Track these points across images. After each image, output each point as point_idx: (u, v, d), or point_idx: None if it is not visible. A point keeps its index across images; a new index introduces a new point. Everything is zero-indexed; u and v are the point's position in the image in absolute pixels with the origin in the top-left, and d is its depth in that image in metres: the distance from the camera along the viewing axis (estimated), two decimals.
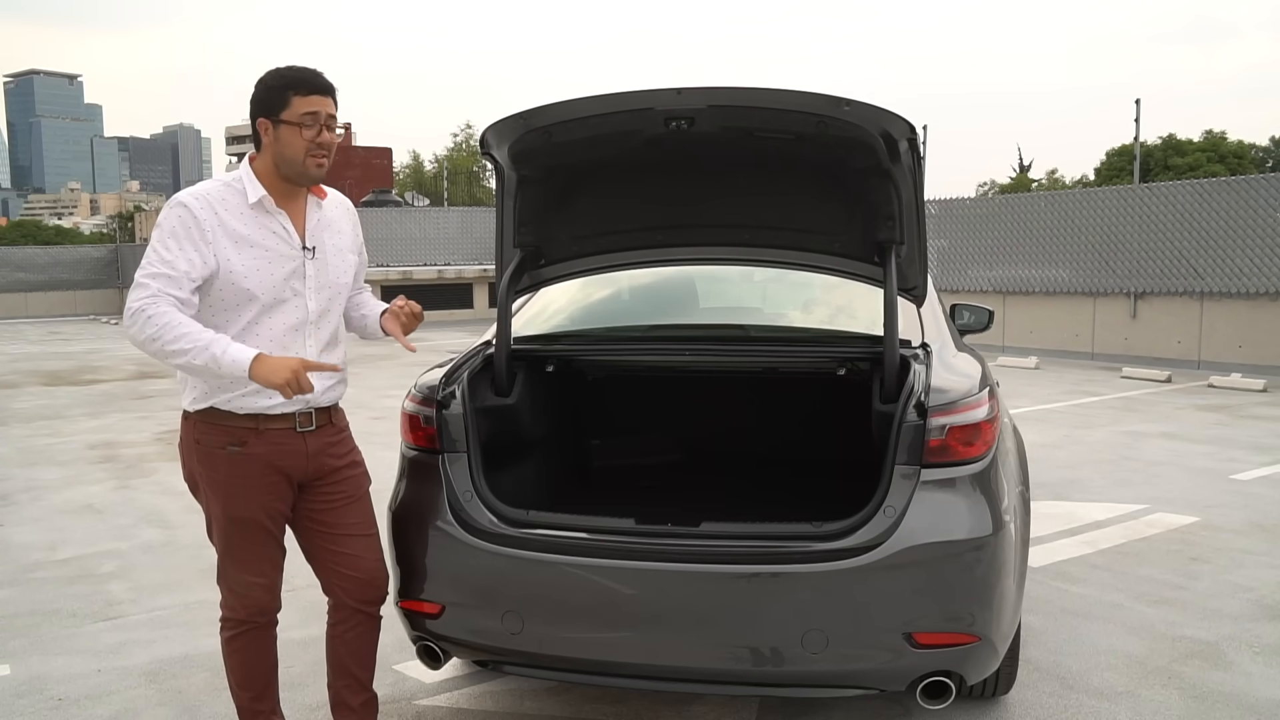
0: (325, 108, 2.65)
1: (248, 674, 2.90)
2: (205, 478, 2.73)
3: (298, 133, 2.62)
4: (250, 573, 2.80)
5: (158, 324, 2.48)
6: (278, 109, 2.63)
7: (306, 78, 2.64)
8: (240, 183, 2.68)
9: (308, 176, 2.69)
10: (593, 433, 4.19)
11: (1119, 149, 41.15)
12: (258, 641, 2.88)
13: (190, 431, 2.74)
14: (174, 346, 2.47)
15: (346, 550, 2.87)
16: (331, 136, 2.67)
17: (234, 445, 2.67)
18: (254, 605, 2.83)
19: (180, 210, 2.60)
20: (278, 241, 2.69)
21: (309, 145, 2.63)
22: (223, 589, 2.86)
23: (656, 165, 3.26)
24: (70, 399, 11.54)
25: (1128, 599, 4.44)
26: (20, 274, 29.38)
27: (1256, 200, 12.03)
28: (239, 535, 2.75)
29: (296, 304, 2.72)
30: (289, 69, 2.67)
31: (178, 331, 2.48)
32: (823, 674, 2.76)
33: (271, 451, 2.69)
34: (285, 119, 2.62)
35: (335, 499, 2.85)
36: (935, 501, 2.72)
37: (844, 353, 3.43)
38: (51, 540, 5.64)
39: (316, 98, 2.64)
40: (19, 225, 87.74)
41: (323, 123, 2.65)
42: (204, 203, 2.62)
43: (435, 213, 26.62)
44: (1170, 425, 8.76)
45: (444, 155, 55.14)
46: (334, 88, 2.69)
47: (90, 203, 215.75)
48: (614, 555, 2.78)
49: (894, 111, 2.81)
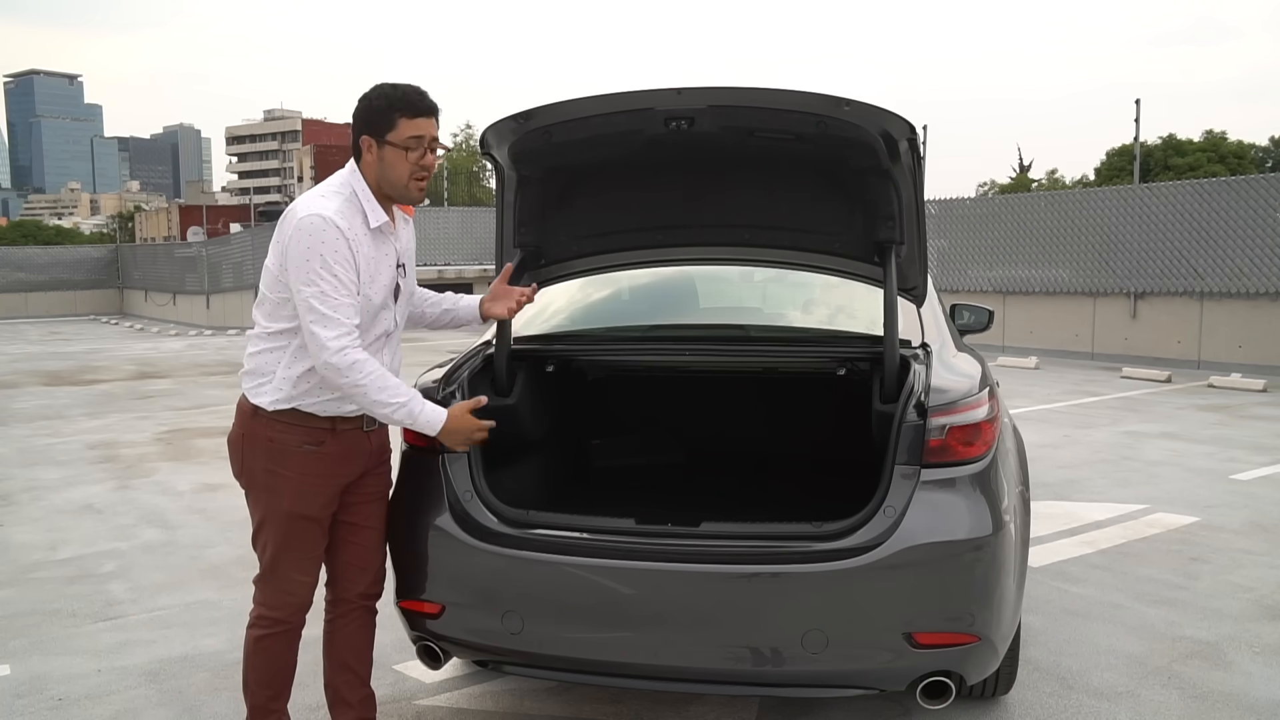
0: (430, 130, 2.66)
1: (270, 674, 2.90)
2: (273, 474, 2.74)
3: (403, 156, 2.64)
4: (301, 571, 2.82)
5: (367, 372, 2.60)
6: (384, 130, 2.63)
7: (413, 100, 2.64)
8: (357, 199, 2.68)
9: (409, 198, 2.73)
10: (593, 433, 4.19)
11: (1119, 149, 41.15)
12: (285, 642, 2.89)
13: (263, 429, 2.74)
14: (379, 397, 2.64)
15: (366, 543, 2.92)
16: (434, 158, 2.70)
17: (310, 445, 2.71)
18: (297, 603, 2.85)
19: (335, 232, 2.59)
20: (388, 265, 2.76)
21: (413, 168, 2.65)
22: (266, 589, 2.85)
23: (657, 165, 3.26)
24: (70, 399, 11.54)
25: (1128, 599, 4.44)
26: (20, 274, 29.38)
27: (1256, 200, 12.03)
28: (299, 532, 2.78)
29: (386, 317, 2.80)
30: (395, 88, 2.66)
31: (384, 383, 2.64)
32: (823, 674, 2.76)
33: (343, 451, 2.75)
34: (391, 140, 2.63)
35: (370, 494, 2.92)
36: (935, 501, 2.72)
37: (844, 353, 3.42)
38: (51, 540, 5.64)
39: (423, 120, 2.65)
40: (19, 225, 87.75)
41: (427, 145, 2.66)
42: (347, 222, 2.62)
43: (435, 213, 26.60)
44: (1170, 425, 8.76)
45: (444, 155, 55.17)
46: (438, 108, 2.70)
47: (90, 203, 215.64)
48: (614, 555, 2.78)
49: (894, 111, 2.81)
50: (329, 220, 2.58)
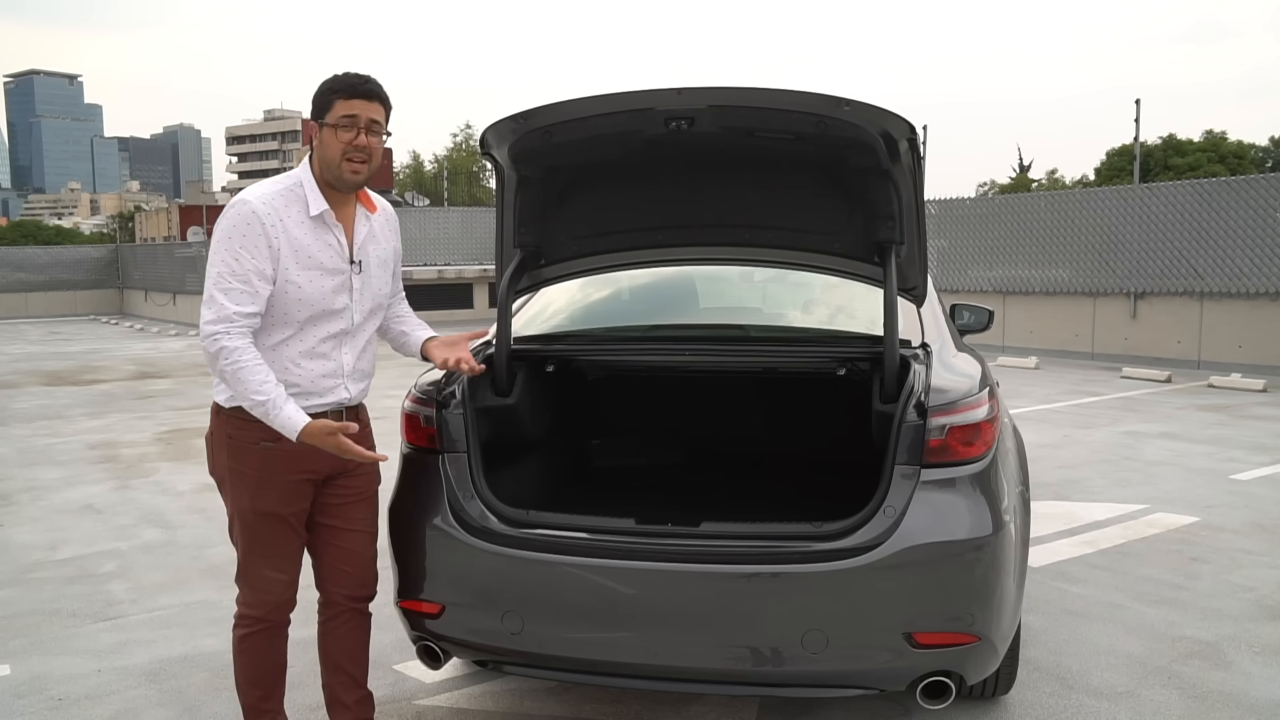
0: (367, 112, 2.66)
1: (258, 673, 2.90)
2: (234, 471, 2.75)
3: (335, 135, 2.65)
4: (273, 568, 2.81)
5: (232, 360, 2.57)
6: (323, 112, 2.66)
7: (351, 82, 2.67)
8: (301, 188, 2.69)
9: (343, 181, 2.70)
10: (593, 433, 4.19)
11: (1119, 149, 41.16)
12: (270, 640, 2.89)
13: (224, 426, 2.75)
14: (242, 389, 2.59)
15: (349, 546, 2.89)
16: (372, 141, 2.68)
17: (268, 441, 2.69)
18: (274, 601, 2.84)
19: (249, 215, 2.61)
20: (331, 255, 2.72)
21: (345, 148, 2.65)
22: (243, 586, 2.85)
23: (657, 165, 3.26)
24: (70, 399, 11.53)
25: (1128, 599, 4.44)
26: (20, 274, 29.35)
27: (1256, 200, 12.03)
28: (264, 530, 2.77)
29: (343, 315, 2.77)
30: (339, 74, 2.69)
31: (250, 376, 2.58)
32: (823, 674, 2.76)
33: (303, 447, 2.71)
34: (327, 121, 2.65)
35: (349, 495, 2.89)
36: (935, 501, 2.72)
37: (844, 353, 3.42)
38: (51, 540, 5.64)
39: (358, 102, 2.65)
40: (19, 225, 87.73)
41: (362, 126, 2.66)
42: (270, 207, 2.63)
43: (435, 213, 26.60)
44: (1170, 425, 8.76)
45: (444, 155, 55.15)
46: (380, 93, 2.70)
47: (90, 203, 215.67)
48: (614, 555, 2.78)
49: (894, 111, 2.81)
50: (249, 205, 2.62)
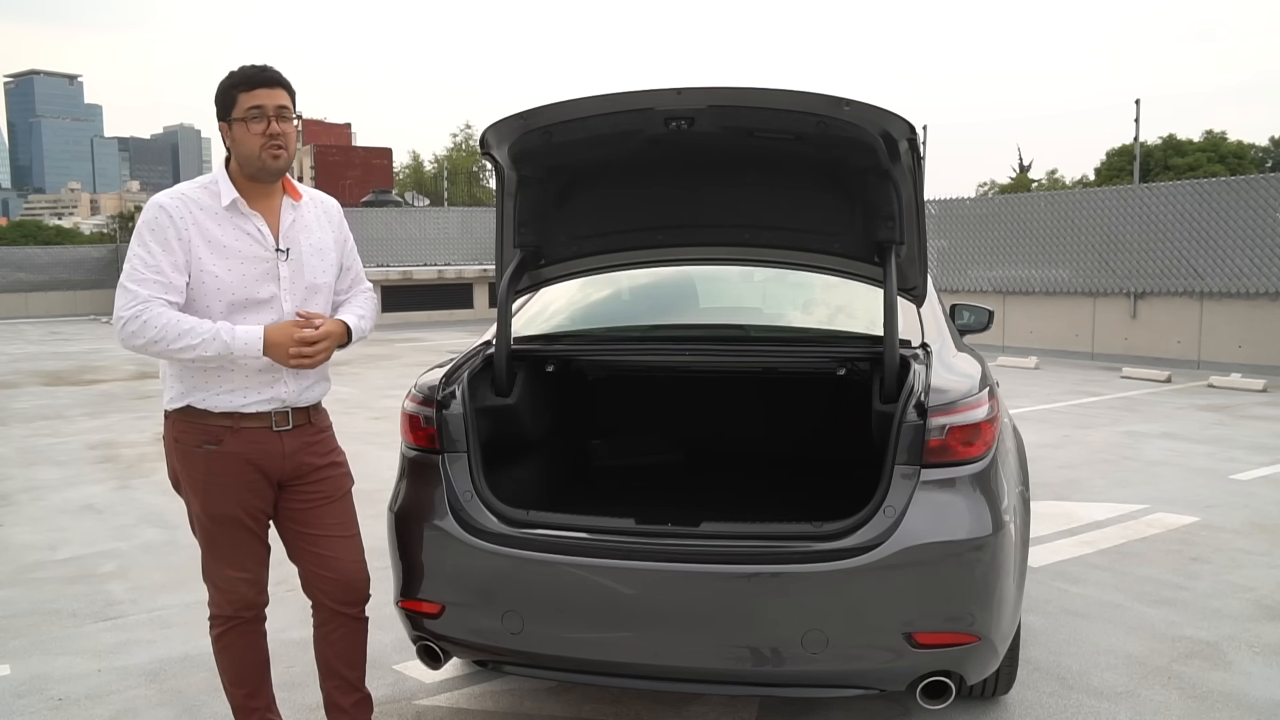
0: (272, 100, 2.67)
1: (239, 671, 2.91)
2: (184, 475, 2.76)
3: (246, 128, 2.66)
4: (232, 568, 2.81)
5: (157, 325, 2.56)
6: (229, 109, 2.68)
7: (249, 74, 2.68)
8: (215, 184, 2.72)
9: (267, 170, 2.70)
10: (593, 433, 4.19)
11: (1119, 149, 41.12)
12: (246, 638, 2.89)
13: (170, 430, 2.77)
14: (180, 344, 2.56)
15: (324, 551, 2.86)
16: (284, 127, 2.69)
17: (210, 444, 2.69)
18: (239, 600, 2.84)
19: (157, 211, 2.65)
20: (251, 244, 2.71)
21: (261, 139, 2.66)
22: (209, 586, 2.87)
23: (657, 165, 3.26)
24: (70, 399, 11.53)
25: (1128, 599, 4.44)
26: (20, 274, 29.35)
27: (1256, 200, 12.03)
28: (219, 532, 2.78)
29: (271, 305, 2.74)
30: (235, 70, 2.71)
31: (180, 329, 2.56)
32: (823, 674, 2.76)
33: (247, 450, 2.71)
34: (235, 117, 2.67)
35: (313, 499, 2.85)
36: (935, 501, 2.72)
37: (844, 353, 3.42)
38: (51, 540, 5.64)
39: (261, 91, 2.66)
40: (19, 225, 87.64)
41: (271, 114, 2.66)
42: (180, 203, 2.67)
43: (435, 213, 26.60)
44: (1170, 425, 8.76)
45: (444, 155, 55.16)
46: (280, 79, 2.70)
47: (90, 203, 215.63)
48: (614, 555, 2.78)
49: (894, 111, 2.81)
50: (157, 203, 2.67)
